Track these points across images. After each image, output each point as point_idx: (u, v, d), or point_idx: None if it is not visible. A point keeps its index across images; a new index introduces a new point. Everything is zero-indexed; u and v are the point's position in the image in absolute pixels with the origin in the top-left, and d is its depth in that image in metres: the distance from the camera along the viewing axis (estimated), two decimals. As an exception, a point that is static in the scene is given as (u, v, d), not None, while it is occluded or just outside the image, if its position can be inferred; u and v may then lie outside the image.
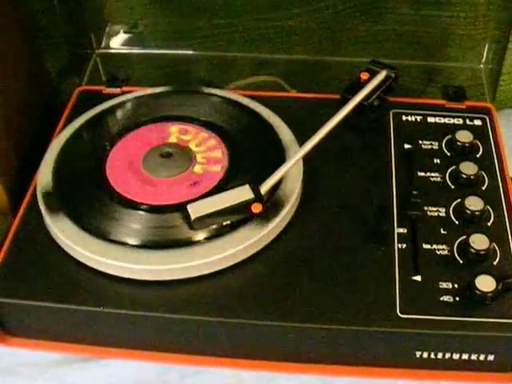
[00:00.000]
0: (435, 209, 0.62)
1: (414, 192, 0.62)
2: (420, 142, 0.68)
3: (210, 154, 0.66)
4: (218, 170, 0.64)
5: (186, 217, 0.58)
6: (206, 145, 0.66)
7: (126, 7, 0.82)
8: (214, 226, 0.58)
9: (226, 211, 0.58)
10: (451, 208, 0.62)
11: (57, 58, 0.83)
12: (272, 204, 0.60)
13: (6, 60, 0.69)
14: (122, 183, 0.63)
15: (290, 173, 0.62)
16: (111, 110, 0.71)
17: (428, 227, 0.61)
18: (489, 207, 0.62)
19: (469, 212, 0.61)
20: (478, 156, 0.67)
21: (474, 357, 0.56)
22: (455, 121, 0.71)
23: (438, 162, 0.66)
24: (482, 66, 0.79)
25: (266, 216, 0.59)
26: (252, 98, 0.71)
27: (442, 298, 0.56)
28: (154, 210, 0.61)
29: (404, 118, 0.71)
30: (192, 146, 0.66)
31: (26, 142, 0.72)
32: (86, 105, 0.72)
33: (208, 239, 0.58)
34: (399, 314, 0.55)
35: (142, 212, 0.61)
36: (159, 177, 0.63)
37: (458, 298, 0.56)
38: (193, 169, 0.64)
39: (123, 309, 0.56)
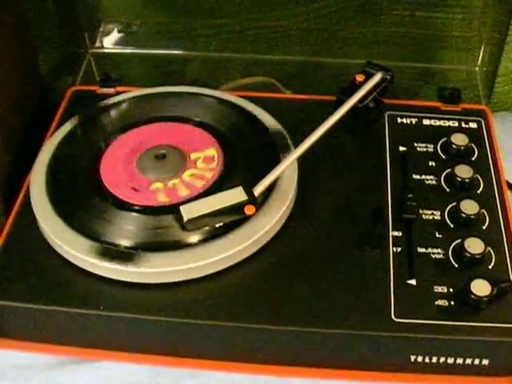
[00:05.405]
0: (430, 212, 0.62)
1: (409, 195, 0.62)
2: (415, 144, 0.68)
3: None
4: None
5: (179, 218, 0.57)
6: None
7: (119, 7, 0.82)
8: (207, 228, 0.58)
9: (219, 213, 0.57)
10: (446, 211, 0.62)
11: (50, 57, 0.83)
12: (266, 206, 0.60)
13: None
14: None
15: (285, 174, 0.62)
16: (105, 111, 0.70)
17: (423, 231, 0.61)
18: (484, 211, 0.62)
19: (464, 215, 0.61)
20: (473, 159, 0.67)
21: (468, 361, 0.56)
22: (450, 123, 0.70)
23: (433, 164, 0.66)
24: (477, 68, 0.79)
25: (260, 218, 0.59)
26: (246, 98, 0.71)
27: (436, 302, 0.56)
28: (147, 211, 0.60)
29: (399, 120, 0.71)
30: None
31: (18, 142, 0.71)
32: (79, 105, 0.72)
33: (201, 242, 0.58)
34: (394, 318, 0.55)
35: (135, 214, 0.60)
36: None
37: (452, 303, 0.56)
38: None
39: (116, 311, 0.56)
